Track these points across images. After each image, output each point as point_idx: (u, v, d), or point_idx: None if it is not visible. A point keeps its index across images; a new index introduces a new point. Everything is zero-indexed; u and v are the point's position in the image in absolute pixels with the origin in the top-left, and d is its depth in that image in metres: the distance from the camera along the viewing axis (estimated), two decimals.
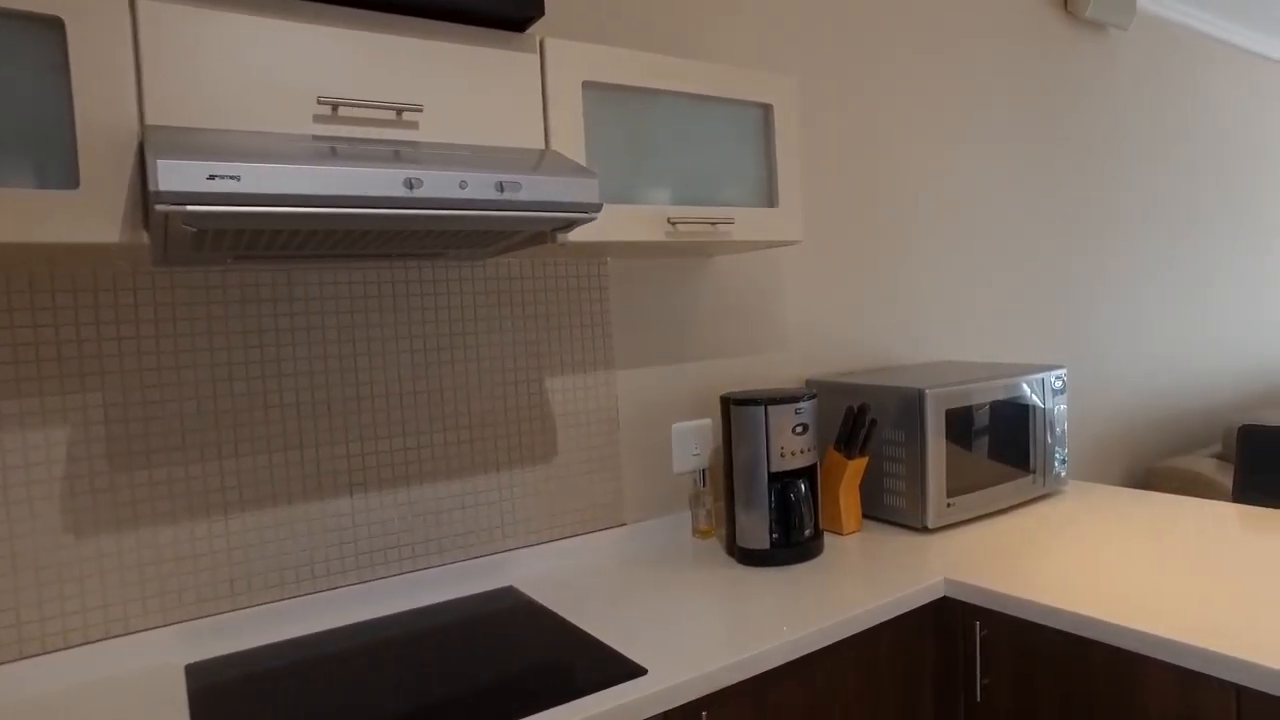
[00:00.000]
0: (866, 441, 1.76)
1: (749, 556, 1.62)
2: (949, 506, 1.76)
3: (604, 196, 1.40)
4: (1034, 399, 1.94)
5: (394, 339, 1.49)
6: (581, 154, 1.35)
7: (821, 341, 2.11)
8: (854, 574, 1.53)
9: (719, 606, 1.40)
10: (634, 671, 1.16)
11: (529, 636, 1.31)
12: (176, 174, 0.89)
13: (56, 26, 0.97)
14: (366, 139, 1.14)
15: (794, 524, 1.60)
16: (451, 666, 1.22)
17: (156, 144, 0.92)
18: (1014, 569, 1.49)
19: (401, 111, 1.18)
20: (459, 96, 1.23)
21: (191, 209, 0.90)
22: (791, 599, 1.41)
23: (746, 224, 1.56)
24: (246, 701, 1.15)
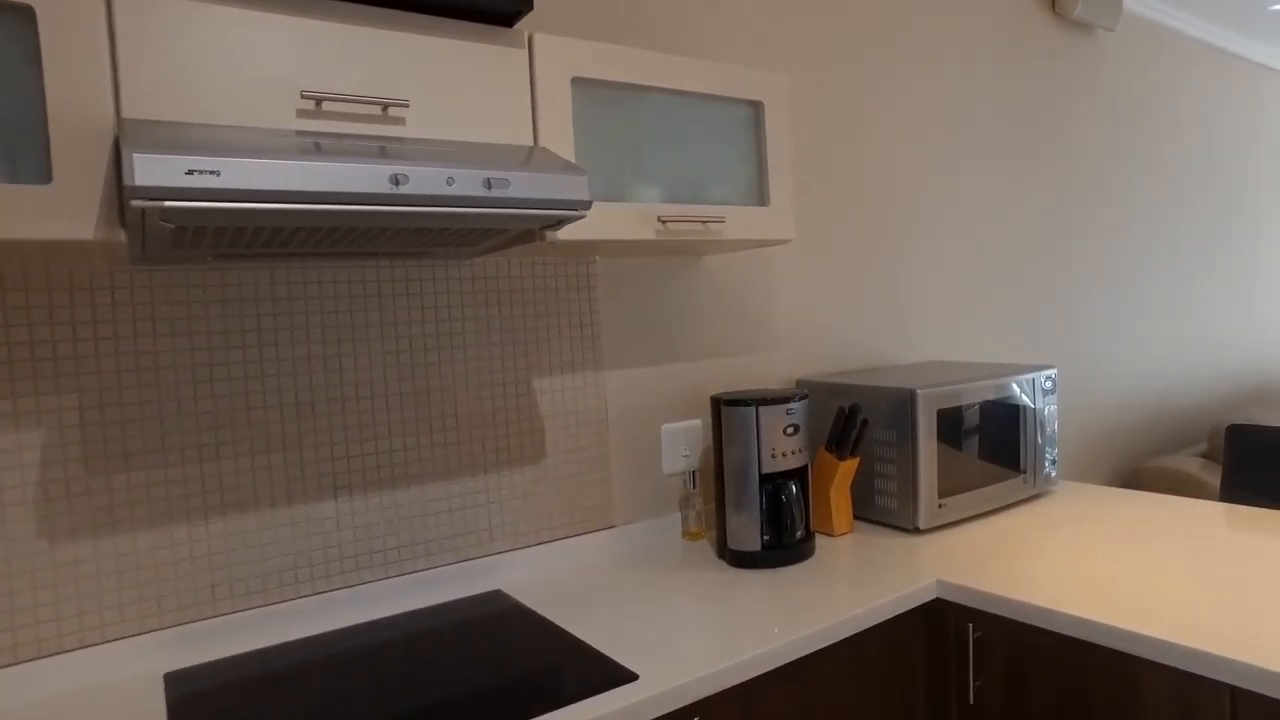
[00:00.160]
0: (858, 442, 1.75)
1: (740, 559, 1.60)
2: (940, 507, 1.76)
3: (593, 194, 1.38)
4: (1024, 399, 1.94)
5: (379, 339, 1.47)
6: (571, 151, 1.33)
7: (812, 341, 2.10)
8: (846, 576, 1.51)
9: (710, 610, 1.39)
10: (625, 677, 1.14)
11: (517, 641, 1.29)
12: (153, 169, 0.86)
13: (27, 15, 0.93)
14: (351, 134, 1.11)
15: (785, 526, 1.58)
16: (438, 673, 1.20)
17: (133, 137, 0.89)
18: (1006, 570, 1.48)
19: (387, 107, 1.15)
20: (446, 92, 1.20)
21: (169, 205, 0.88)
22: (783, 601, 1.40)
23: (737, 222, 1.54)
24: (227, 711, 1.12)
